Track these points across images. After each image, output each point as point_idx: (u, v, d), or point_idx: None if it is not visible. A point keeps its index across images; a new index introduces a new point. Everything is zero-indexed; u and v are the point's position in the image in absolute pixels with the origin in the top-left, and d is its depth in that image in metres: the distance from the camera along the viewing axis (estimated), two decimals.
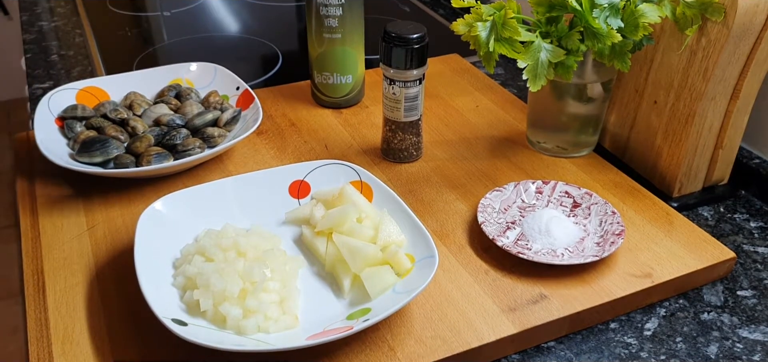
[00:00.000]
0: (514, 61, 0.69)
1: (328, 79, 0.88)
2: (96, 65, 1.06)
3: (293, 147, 0.82)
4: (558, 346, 0.58)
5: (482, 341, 0.55)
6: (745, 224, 0.73)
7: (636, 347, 0.58)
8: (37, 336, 0.56)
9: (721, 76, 0.68)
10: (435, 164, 0.78)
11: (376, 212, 0.64)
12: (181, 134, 0.77)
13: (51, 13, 1.27)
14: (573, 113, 0.76)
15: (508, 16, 0.67)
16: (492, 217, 0.68)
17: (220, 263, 0.58)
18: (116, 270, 0.62)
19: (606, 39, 0.66)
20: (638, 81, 0.76)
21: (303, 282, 0.61)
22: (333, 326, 0.55)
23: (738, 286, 0.65)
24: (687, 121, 0.70)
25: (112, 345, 0.55)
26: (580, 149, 0.79)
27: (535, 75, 0.67)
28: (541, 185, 0.71)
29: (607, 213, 0.67)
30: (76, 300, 0.59)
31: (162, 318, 0.51)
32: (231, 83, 0.87)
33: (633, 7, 0.67)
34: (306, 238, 0.65)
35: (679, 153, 0.72)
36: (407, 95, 0.74)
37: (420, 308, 0.58)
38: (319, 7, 0.83)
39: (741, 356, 0.57)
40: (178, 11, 1.29)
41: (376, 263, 0.59)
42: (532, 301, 0.59)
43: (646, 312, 0.62)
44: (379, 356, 0.54)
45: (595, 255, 0.62)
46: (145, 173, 0.72)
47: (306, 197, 0.69)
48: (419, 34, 0.71)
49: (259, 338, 0.54)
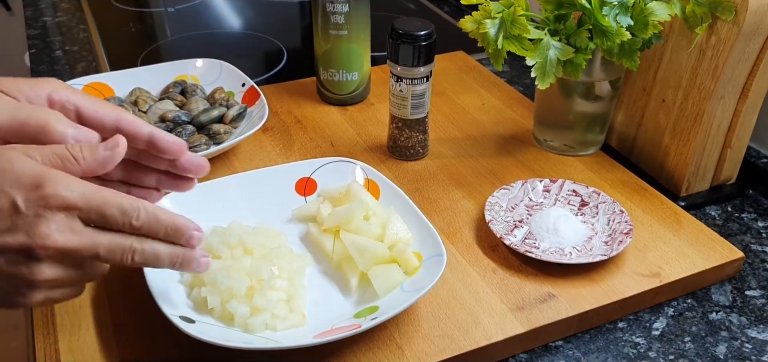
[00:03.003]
0: (519, 59, 0.69)
1: (334, 76, 0.88)
2: (100, 61, 1.06)
3: (299, 144, 0.81)
4: (566, 345, 0.58)
5: (490, 340, 0.55)
6: (752, 224, 0.72)
7: (644, 346, 0.58)
8: (43, 333, 0.55)
9: (731, 76, 0.67)
10: (441, 162, 0.78)
11: (384, 210, 0.64)
12: (187, 131, 0.76)
13: (55, 8, 1.27)
14: (580, 111, 0.76)
15: (517, 13, 0.66)
16: (499, 215, 0.67)
17: (227, 261, 0.57)
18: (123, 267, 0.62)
19: (615, 37, 0.66)
20: (646, 79, 0.75)
21: (310, 280, 0.61)
22: (340, 324, 0.55)
23: (746, 286, 0.64)
24: (695, 120, 0.70)
25: (118, 342, 0.55)
26: (587, 147, 0.79)
27: (543, 73, 0.67)
28: (548, 183, 0.71)
29: (615, 212, 0.67)
30: (83, 297, 0.59)
31: (169, 315, 0.51)
32: (236, 80, 0.86)
33: (642, 5, 0.66)
34: (313, 236, 0.64)
35: (687, 152, 0.72)
36: (414, 92, 0.73)
37: (428, 306, 0.58)
38: (326, 4, 0.83)
39: (750, 356, 0.57)
40: (182, 7, 1.29)
41: (383, 261, 0.59)
42: (540, 300, 0.59)
43: (654, 312, 0.61)
44: (387, 354, 0.54)
45: (603, 254, 0.62)
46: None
47: (312, 194, 0.69)
48: (427, 31, 0.71)
49: (266, 336, 0.54)
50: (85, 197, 0.44)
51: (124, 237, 0.46)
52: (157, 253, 0.47)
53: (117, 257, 0.46)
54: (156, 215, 0.46)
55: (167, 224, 0.47)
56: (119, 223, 0.45)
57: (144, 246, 0.46)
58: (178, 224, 0.47)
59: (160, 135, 0.51)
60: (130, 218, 0.45)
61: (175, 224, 0.47)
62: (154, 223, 0.46)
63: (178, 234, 0.48)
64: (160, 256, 0.47)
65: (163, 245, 0.47)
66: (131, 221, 0.45)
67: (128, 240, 0.46)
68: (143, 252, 0.46)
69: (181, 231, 0.48)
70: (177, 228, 0.47)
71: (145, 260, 0.47)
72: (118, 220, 0.45)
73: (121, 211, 0.45)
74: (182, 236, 0.48)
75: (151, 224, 0.46)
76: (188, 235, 0.48)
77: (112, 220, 0.45)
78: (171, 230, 0.47)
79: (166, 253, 0.48)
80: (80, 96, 0.52)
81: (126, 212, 0.45)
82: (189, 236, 0.48)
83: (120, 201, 0.45)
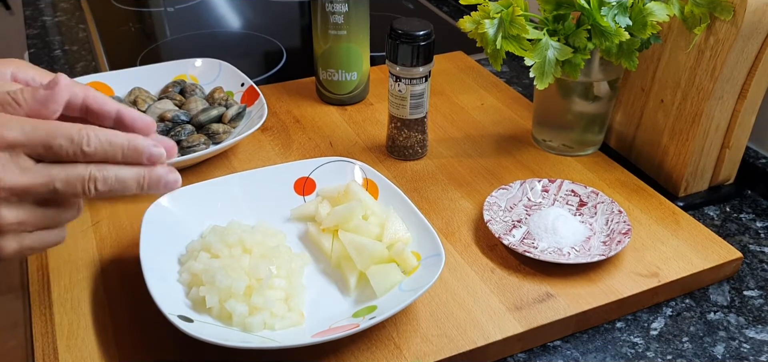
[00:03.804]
0: (518, 59, 0.69)
1: (333, 75, 0.88)
2: (99, 61, 1.06)
3: (298, 144, 0.81)
4: (564, 345, 0.58)
5: (488, 340, 0.55)
6: (751, 224, 0.72)
7: (642, 346, 0.58)
8: (42, 332, 0.55)
9: (729, 76, 0.67)
10: (440, 162, 0.78)
11: (382, 210, 0.64)
12: (186, 130, 0.76)
13: (54, 7, 1.27)
14: (579, 111, 0.76)
15: (516, 13, 0.67)
16: (498, 215, 0.68)
17: (225, 260, 0.57)
18: (121, 266, 0.62)
19: (614, 37, 0.66)
20: (645, 80, 0.75)
21: (308, 279, 0.61)
22: (339, 323, 0.55)
23: (744, 286, 0.64)
24: (694, 120, 0.70)
25: (117, 342, 0.55)
26: (585, 147, 0.79)
27: (542, 73, 0.67)
28: (547, 183, 0.71)
29: (613, 212, 0.67)
30: (81, 297, 0.59)
31: (168, 314, 0.51)
32: (236, 79, 0.86)
33: (641, 6, 0.66)
34: (311, 235, 0.65)
35: (686, 152, 0.72)
36: (413, 92, 0.73)
37: (426, 306, 0.58)
38: (325, 4, 0.83)
39: (748, 356, 0.57)
40: (182, 7, 1.29)
41: (382, 260, 0.59)
42: (538, 300, 0.59)
43: (652, 312, 0.61)
44: (385, 354, 0.54)
45: (601, 254, 0.62)
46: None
47: (311, 194, 0.69)
48: (426, 31, 0.71)
49: (264, 335, 0.54)
50: (25, 133, 0.42)
51: (82, 167, 0.44)
52: (120, 177, 0.45)
53: (78, 189, 0.44)
54: (109, 138, 0.44)
55: (123, 145, 0.45)
56: (70, 152, 0.43)
57: (105, 173, 0.44)
58: (135, 144, 0.45)
59: (128, 111, 0.49)
60: (79, 145, 0.43)
61: (131, 144, 0.45)
62: (107, 146, 0.44)
63: (137, 153, 0.45)
64: (125, 180, 0.45)
65: (126, 169, 0.45)
66: (82, 148, 0.43)
67: (86, 169, 0.44)
68: (106, 180, 0.44)
69: (139, 150, 0.45)
70: (135, 147, 0.45)
71: (110, 187, 0.45)
72: (67, 149, 0.43)
73: (68, 139, 0.43)
74: (142, 155, 0.46)
75: (105, 148, 0.44)
76: (148, 153, 0.46)
77: (62, 151, 0.43)
78: (129, 151, 0.45)
79: (131, 175, 0.45)
80: (45, 75, 0.50)
81: (73, 139, 0.43)
82: (149, 154, 0.46)
83: (66, 130, 0.43)
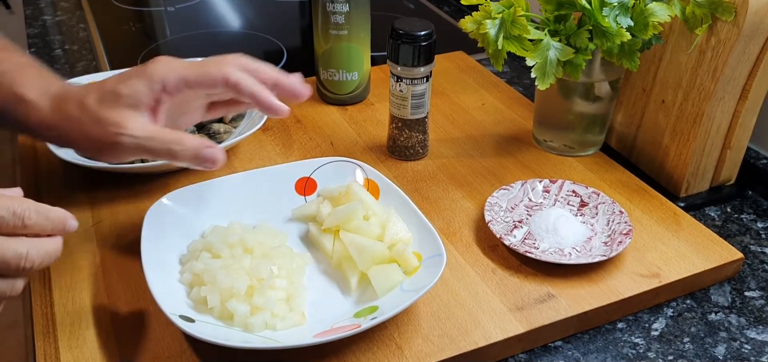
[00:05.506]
0: (519, 59, 0.69)
1: (333, 75, 0.88)
2: (100, 60, 1.06)
3: (299, 144, 0.81)
4: (565, 346, 0.58)
5: (489, 340, 0.55)
6: (752, 225, 0.72)
7: (643, 347, 0.58)
8: (43, 332, 0.55)
9: (730, 76, 0.67)
10: (441, 162, 0.78)
11: (384, 210, 0.64)
12: (187, 130, 0.76)
13: (54, 7, 1.27)
14: (580, 111, 0.76)
15: (517, 13, 0.67)
16: (499, 216, 0.68)
17: (227, 260, 0.57)
18: (122, 266, 0.62)
19: (615, 38, 0.66)
20: (646, 80, 0.75)
21: (310, 279, 0.61)
22: (340, 324, 0.55)
23: (745, 287, 0.64)
24: (695, 121, 0.70)
25: (118, 341, 0.55)
26: (586, 147, 0.79)
27: (543, 73, 0.67)
28: (548, 183, 0.71)
29: (614, 213, 0.67)
30: (83, 296, 0.59)
31: (169, 314, 0.51)
32: None
33: (643, 6, 0.66)
34: (313, 235, 0.65)
35: (687, 153, 0.72)
36: (414, 93, 0.73)
37: (427, 306, 0.58)
38: (326, 4, 0.83)
39: (749, 357, 0.57)
40: (182, 6, 1.29)
41: (383, 261, 0.59)
42: (539, 300, 0.59)
43: (653, 312, 0.61)
44: (386, 354, 0.54)
45: (602, 255, 0.62)
46: (150, 169, 0.72)
47: (312, 194, 0.69)
48: (427, 31, 0.71)
49: (266, 335, 0.54)
50: None
51: (23, 241, 0.45)
52: (49, 252, 0.47)
53: (12, 266, 0.45)
54: (45, 213, 0.46)
55: (54, 219, 0.47)
56: (10, 225, 0.45)
57: (39, 248, 0.46)
58: (61, 216, 0.47)
59: (284, 78, 0.61)
60: (21, 218, 0.45)
61: (58, 216, 0.47)
62: (43, 221, 0.46)
63: (62, 225, 0.48)
64: (50, 254, 0.47)
65: (49, 241, 0.47)
66: (24, 221, 0.45)
67: (24, 246, 0.45)
68: (41, 259, 0.46)
69: (62, 221, 0.47)
70: (61, 219, 0.47)
71: (41, 264, 0.46)
72: (8, 222, 0.45)
73: (10, 212, 0.45)
74: (65, 226, 0.48)
75: (42, 223, 0.46)
76: (69, 224, 0.48)
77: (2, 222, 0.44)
78: (58, 224, 0.47)
79: (53, 249, 0.47)
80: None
81: (16, 212, 0.45)
82: (71, 226, 0.48)
83: (7, 202, 0.45)
